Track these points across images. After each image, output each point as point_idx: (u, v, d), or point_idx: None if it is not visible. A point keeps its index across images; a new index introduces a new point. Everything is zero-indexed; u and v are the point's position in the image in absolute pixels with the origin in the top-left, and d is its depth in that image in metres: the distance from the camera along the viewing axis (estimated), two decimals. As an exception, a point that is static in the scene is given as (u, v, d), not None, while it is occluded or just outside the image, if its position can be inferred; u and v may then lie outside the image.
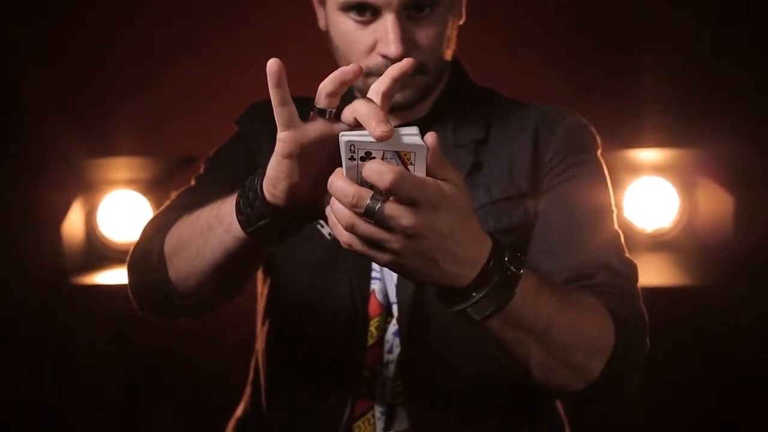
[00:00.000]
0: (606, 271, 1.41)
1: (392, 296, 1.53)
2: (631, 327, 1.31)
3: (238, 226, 1.20)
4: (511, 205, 1.52)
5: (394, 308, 1.53)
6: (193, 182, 1.65)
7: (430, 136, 1.01)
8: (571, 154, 1.55)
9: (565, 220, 1.49)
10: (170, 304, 1.42)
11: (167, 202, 1.57)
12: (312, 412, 1.55)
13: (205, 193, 1.52)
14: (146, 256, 1.42)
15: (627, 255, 1.47)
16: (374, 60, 1.48)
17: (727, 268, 2.53)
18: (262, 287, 1.70)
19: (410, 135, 1.03)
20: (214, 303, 1.45)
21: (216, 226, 1.26)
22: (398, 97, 1.50)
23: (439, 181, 1.01)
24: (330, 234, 1.51)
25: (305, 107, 1.08)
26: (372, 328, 1.53)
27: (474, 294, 1.08)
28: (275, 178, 1.10)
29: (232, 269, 1.32)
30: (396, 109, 1.54)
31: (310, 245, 1.55)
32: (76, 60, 2.63)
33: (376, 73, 1.48)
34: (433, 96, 1.61)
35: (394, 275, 1.49)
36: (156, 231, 1.44)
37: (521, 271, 1.10)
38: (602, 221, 1.51)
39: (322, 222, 1.49)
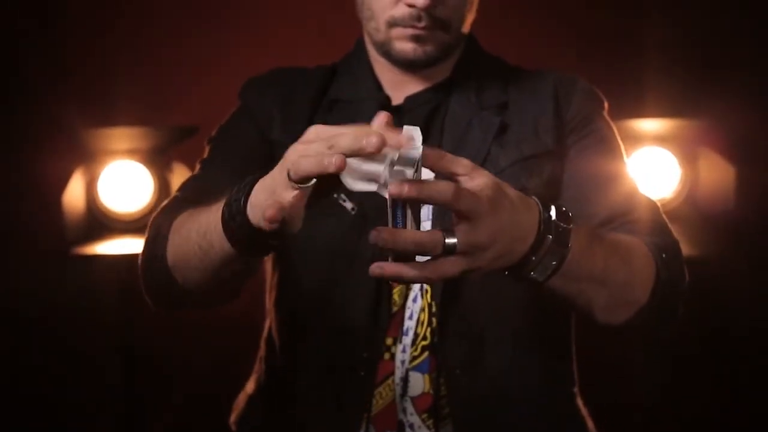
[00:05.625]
0: (638, 208, 1.49)
1: None
2: (670, 256, 1.39)
3: (230, 245, 1.21)
4: (541, 162, 1.54)
5: None
6: (198, 167, 1.61)
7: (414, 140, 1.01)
8: (592, 113, 1.61)
9: (593, 169, 1.55)
10: (182, 303, 1.47)
11: (173, 195, 1.54)
12: (338, 383, 1.54)
13: (212, 179, 1.51)
14: (153, 262, 1.42)
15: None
16: (400, 10, 1.49)
17: (728, 239, 2.54)
18: (272, 268, 1.67)
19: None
20: (227, 297, 1.47)
21: (209, 249, 1.27)
22: (419, 50, 1.52)
23: (469, 177, 1.03)
24: (354, 209, 1.50)
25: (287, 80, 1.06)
26: (395, 297, 1.52)
27: (533, 258, 1.11)
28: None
29: (240, 270, 1.35)
30: (418, 67, 1.56)
31: (333, 221, 1.51)
32: (76, 28, 2.60)
33: (401, 23, 1.50)
34: (454, 58, 1.62)
35: None
36: (159, 231, 1.42)
37: (571, 225, 1.12)
38: (624, 170, 1.58)
39: (343, 196, 1.49)
